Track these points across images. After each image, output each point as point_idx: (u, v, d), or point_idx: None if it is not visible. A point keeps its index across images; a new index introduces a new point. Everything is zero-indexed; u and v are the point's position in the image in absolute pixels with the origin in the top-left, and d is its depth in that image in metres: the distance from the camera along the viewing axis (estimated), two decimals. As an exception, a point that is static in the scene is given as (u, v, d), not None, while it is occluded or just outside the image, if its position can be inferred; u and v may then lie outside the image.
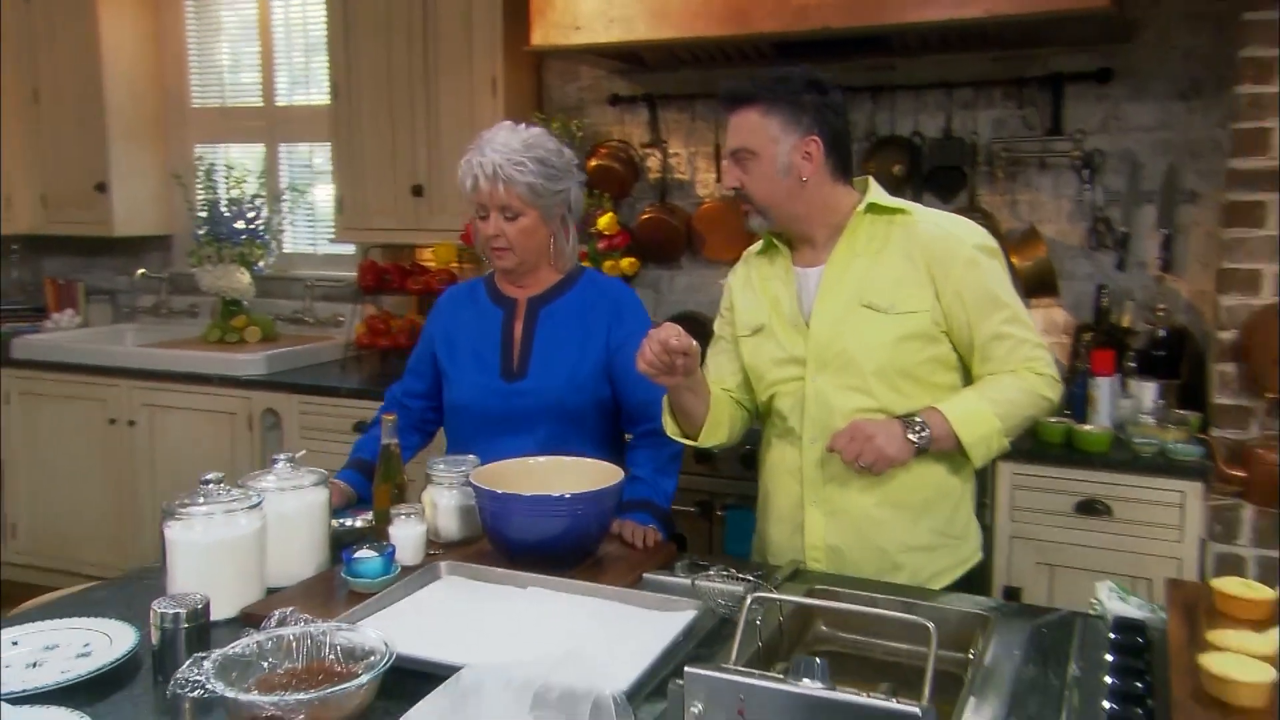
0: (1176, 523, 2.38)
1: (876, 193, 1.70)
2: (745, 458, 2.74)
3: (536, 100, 3.60)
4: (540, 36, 3.05)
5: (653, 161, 3.48)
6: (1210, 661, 1.04)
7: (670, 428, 1.79)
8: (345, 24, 3.51)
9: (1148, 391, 2.62)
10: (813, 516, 1.71)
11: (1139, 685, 1.17)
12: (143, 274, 4.20)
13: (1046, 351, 1.67)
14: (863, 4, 2.67)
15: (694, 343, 1.58)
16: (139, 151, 4.11)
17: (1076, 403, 2.62)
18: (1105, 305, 2.86)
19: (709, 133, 3.37)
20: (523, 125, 1.90)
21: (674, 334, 1.55)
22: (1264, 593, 1.23)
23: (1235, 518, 2.34)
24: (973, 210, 3.01)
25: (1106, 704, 1.14)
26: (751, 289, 1.79)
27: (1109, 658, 1.25)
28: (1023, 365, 1.64)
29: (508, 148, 1.83)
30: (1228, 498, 2.37)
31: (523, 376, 1.91)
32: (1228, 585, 1.26)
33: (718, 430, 1.78)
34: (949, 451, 1.63)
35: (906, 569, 1.68)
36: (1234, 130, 2.42)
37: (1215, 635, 1.13)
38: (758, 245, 1.81)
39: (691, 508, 2.79)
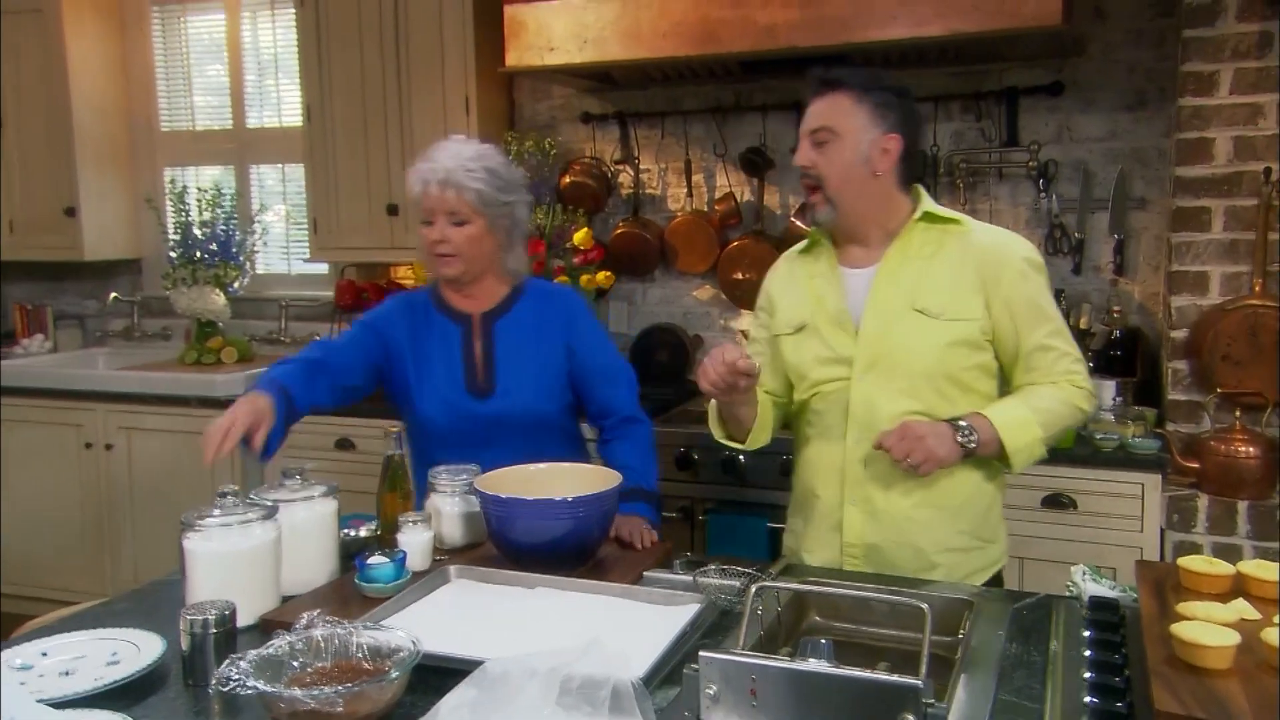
0: (1137, 513, 2.50)
1: (930, 202, 1.75)
2: (726, 463, 2.82)
3: (509, 119, 3.67)
4: (515, 58, 3.12)
5: (625, 177, 3.56)
6: (1181, 630, 1.13)
7: (718, 433, 1.86)
8: (318, 45, 3.55)
9: (1107, 390, 2.75)
10: (851, 515, 1.74)
11: (1116, 657, 1.26)
12: (115, 298, 4.18)
13: (1084, 366, 1.72)
14: (827, 24, 2.78)
15: (756, 364, 1.64)
16: (108, 175, 4.10)
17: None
18: (1064, 309, 2.99)
19: (679, 149, 3.47)
20: (472, 139, 1.96)
21: (738, 355, 1.61)
22: (1224, 568, 1.34)
23: (1191, 507, 2.46)
24: (935, 220, 3.14)
25: (1087, 674, 1.23)
26: (796, 286, 1.81)
27: (1087, 634, 1.35)
28: (1063, 377, 1.69)
29: (460, 155, 1.89)
30: (1184, 488, 2.49)
31: (491, 393, 1.95)
32: (1192, 563, 1.36)
33: (763, 434, 1.85)
34: (989, 457, 1.68)
35: (942, 568, 1.72)
36: (1177, 140, 2.56)
37: (1184, 607, 1.23)
38: (801, 244, 1.85)
39: (674, 513, 2.86)
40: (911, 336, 1.67)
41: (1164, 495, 2.48)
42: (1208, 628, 1.13)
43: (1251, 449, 2.41)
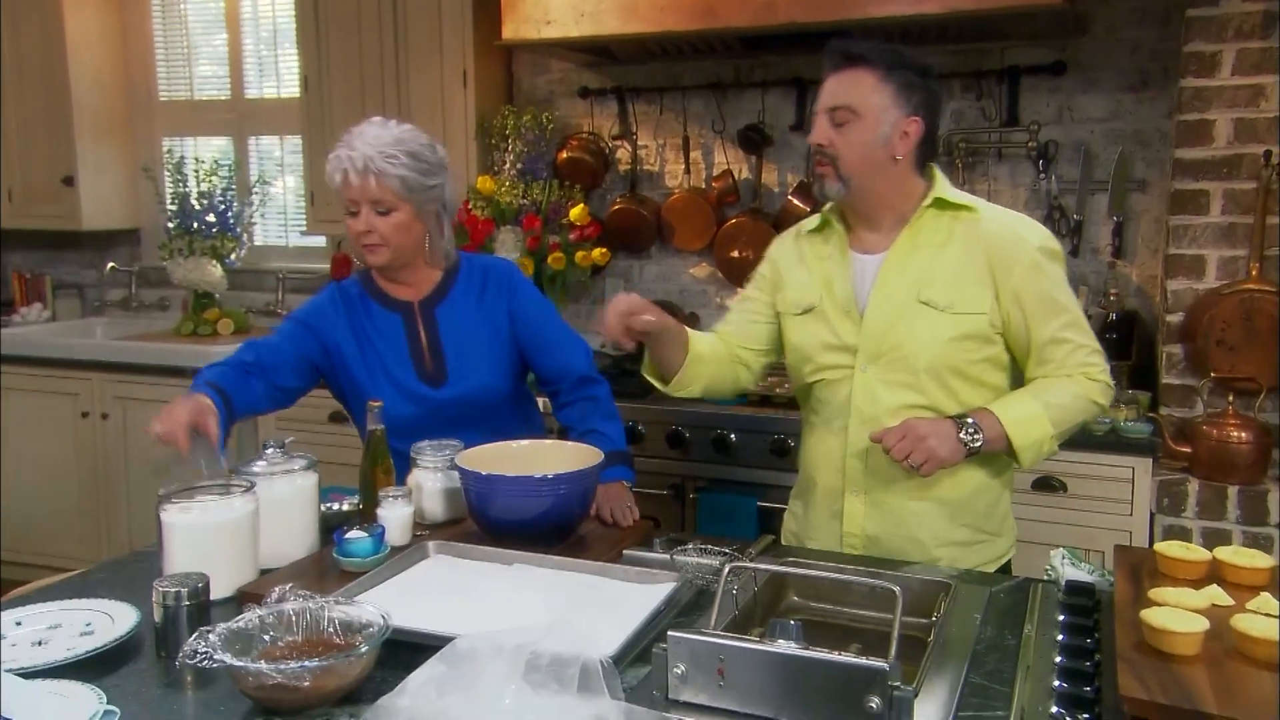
0: (1127, 497, 2.49)
1: (943, 187, 1.68)
2: (717, 442, 2.82)
3: (507, 93, 3.64)
4: (511, 31, 3.09)
5: (622, 153, 3.54)
6: (1150, 615, 1.13)
7: (647, 369, 1.82)
8: (316, 16, 3.53)
9: (1101, 373, 2.73)
10: (852, 504, 1.72)
11: (1088, 641, 1.26)
12: (113, 268, 4.18)
13: (1102, 358, 1.66)
14: (827, -1, 2.75)
15: (652, 318, 1.63)
16: (106, 145, 4.09)
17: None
18: (1061, 291, 2.97)
19: (677, 125, 3.44)
20: (393, 121, 1.87)
21: (630, 307, 1.62)
22: (1200, 554, 1.33)
23: (1182, 491, 2.45)
24: (934, 199, 3.12)
25: (1058, 658, 1.23)
26: (804, 266, 1.76)
27: (1061, 618, 1.34)
28: (1078, 370, 1.63)
29: (379, 141, 1.80)
30: (1175, 472, 2.49)
31: (444, 381, 1.92)
32: (1169, 549, 1.35)
33: (693, 384, 1.79)
34: (996, 453, 1.63)
35: (943, 561, 1.70)
36: (1178, 122, 2.53)
37: (1156, 593, 1.22)
38: (812, 221, 1.79)
39: (665, 491, 2.86)
40: (916, 329, 1.63)
41: (1154, 479, 2.47)
42: (1177, 614, 1.13)
43: (1244, 434, 2.40)
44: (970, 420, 1.58)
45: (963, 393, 1.65)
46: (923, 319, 1.63)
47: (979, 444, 1.58)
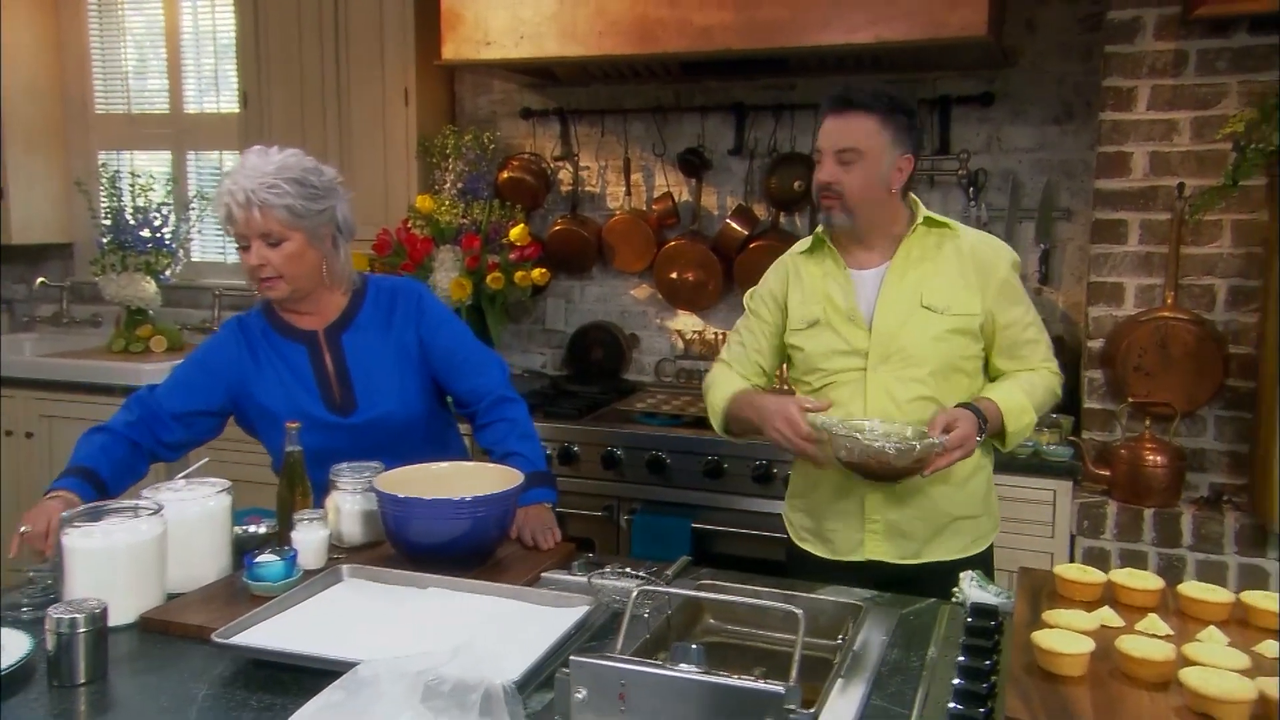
0: (1049, 519, 2.54)
1: (925, 209, 1.91)
2: (651, 463, 2.82)
3: (450, 112, 3.64)
4: (451, 51, 3.10)
5: (564, 174, 3.56)
6: (1039, 637, 1.15)
7: (718, 425, 1.99)
8: (256, 31, 3.50)
9: (1026, 396, 2.79)
10: (873, 492, 1.87)
11: (986, 663, 1.28)
12: (43, 283, 4.09)
13: (1054, 354, 1.97)
14: (762, 27, 2.79)
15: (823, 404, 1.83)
16: (38, 158, 4.01)
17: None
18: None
19: (619, 147, 3.46)
20: (275, 149, 1.83)
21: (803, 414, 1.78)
22: (1096, 576, 1.37)
23: (1101, 514, 2.51)
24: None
25: (956, 680, 1.25)
26: (803, 285, 1.95)
27: (963, 640, 1.37)
28: (1042, 365, 1.93)
29: (259, 172, 1.77)
30: (1095, 495, 2.54)
31: (353, 409, 1.90)
32: (1066, 571, 1.39)
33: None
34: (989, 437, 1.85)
35: (962, 534, 1.91)
36: (1098, 153, 2.61)
37: (1049, 615, 1.25)
38: (803, 244, 1.99)
39: (599, 512, 2.86)
40: (921, 330, 1.84)
41: (1075, 502, 2.53)
42: (1065, 635, 1.15)
43: (1159, 458, 2.47)
44: (984, 418, 1.79)
45: (960, 384, 1.88)
46: (925, 321, 1.85)
47: (984, 433, 1.80)
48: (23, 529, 1.61)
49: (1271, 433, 2.29)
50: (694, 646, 1.19)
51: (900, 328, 1.85)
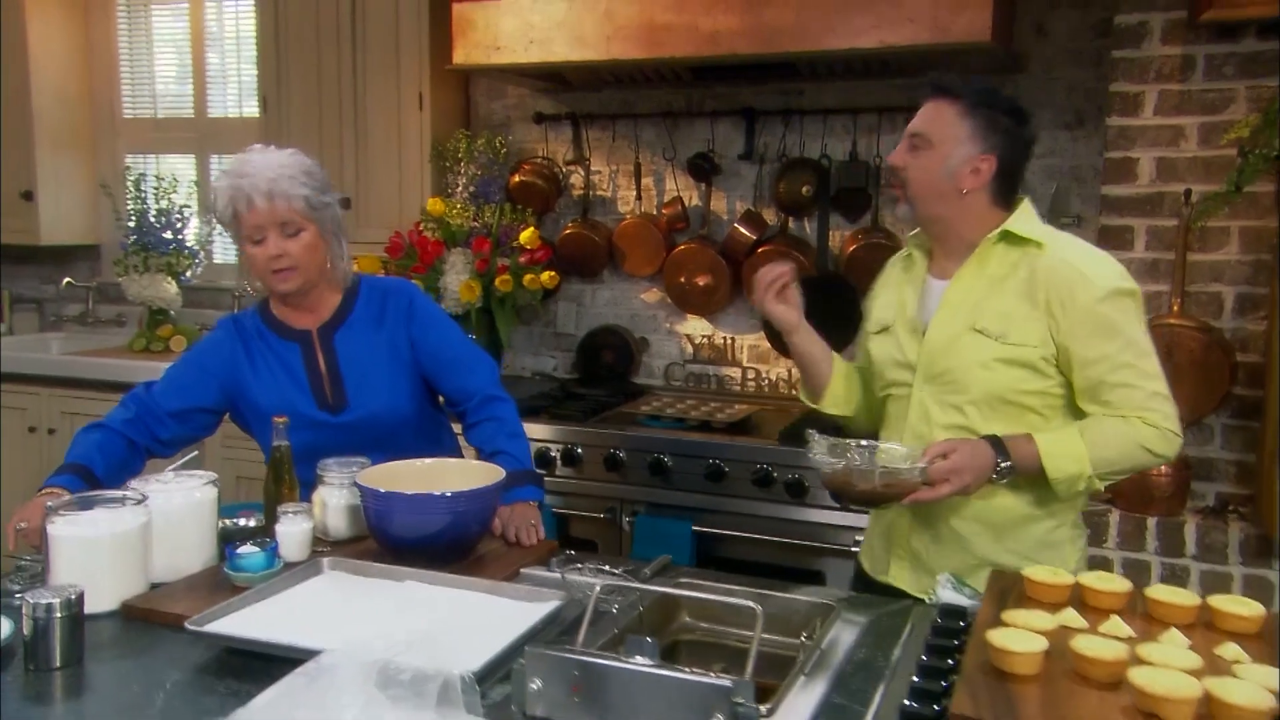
0: (1050, 527, 2.51)
1: (1016, 220, 1.69)
2: (653, 466, 2.83)
3: (464, 116, 3.69)
4: (462, 56, 3.14)
5: (576, 178, 3.58)
6: (994, 636, 1.15)
7: (803, 393, 1.94)
8: (275, 37, 3.57)
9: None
10: (899, 520, 1.78)
11: (948, 661, 1.28)
12: (69, 283, 4.20)
13: (1168, 403, 1.63)
14: (768, 33, 2.80)
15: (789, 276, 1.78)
16: (67, 160, 4.12)
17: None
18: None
19: (630, 151, 3.48)
20: (272, 146, 1.87)
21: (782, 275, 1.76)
22: (1064, 579, 1.36)
23: (1104, 522, 2.48)
24: (876, 230, 3.16)
25: (915, 679, 1.25)
26: (889, 290, 1.87)
27: (927, 639, 1.36)
28: (1135, 413, 1.61)
29: (274, 164, 1.81)
30: (1099, 503, 2.51)
31: (345, 408, 1.93)
32: (1035, 573, 1.38)
33: (845, 405, 1.92)
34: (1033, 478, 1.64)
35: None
36: (1105, 159, 2.58)
37: (1008, 614, 1.25)
38: (903, 252, 1.89)
39: (602, 514, 2.87)
40: (968, 353, 1.67)
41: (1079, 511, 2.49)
42: (1018, 634, 1.15)
43: (1163, 467, 2.43)
44: (1007, 463, 1.61)
45: (1013, 420, 1.66)
46: (975, 345, 1.67)
47: (1009, 475, 1.62)
48: (19, 525, 1.65)
49: (1276, 442, 2.25)
50: (649, 640, 1.20)
51: (948, 347, 1.69)
